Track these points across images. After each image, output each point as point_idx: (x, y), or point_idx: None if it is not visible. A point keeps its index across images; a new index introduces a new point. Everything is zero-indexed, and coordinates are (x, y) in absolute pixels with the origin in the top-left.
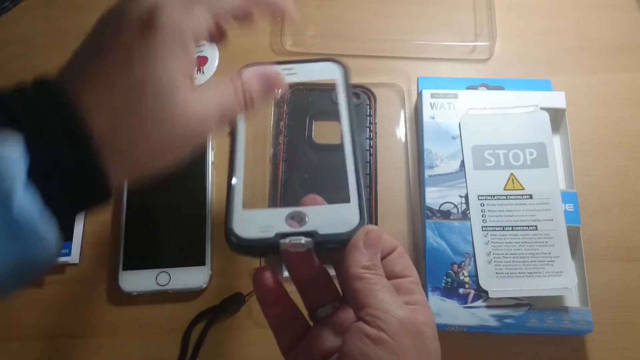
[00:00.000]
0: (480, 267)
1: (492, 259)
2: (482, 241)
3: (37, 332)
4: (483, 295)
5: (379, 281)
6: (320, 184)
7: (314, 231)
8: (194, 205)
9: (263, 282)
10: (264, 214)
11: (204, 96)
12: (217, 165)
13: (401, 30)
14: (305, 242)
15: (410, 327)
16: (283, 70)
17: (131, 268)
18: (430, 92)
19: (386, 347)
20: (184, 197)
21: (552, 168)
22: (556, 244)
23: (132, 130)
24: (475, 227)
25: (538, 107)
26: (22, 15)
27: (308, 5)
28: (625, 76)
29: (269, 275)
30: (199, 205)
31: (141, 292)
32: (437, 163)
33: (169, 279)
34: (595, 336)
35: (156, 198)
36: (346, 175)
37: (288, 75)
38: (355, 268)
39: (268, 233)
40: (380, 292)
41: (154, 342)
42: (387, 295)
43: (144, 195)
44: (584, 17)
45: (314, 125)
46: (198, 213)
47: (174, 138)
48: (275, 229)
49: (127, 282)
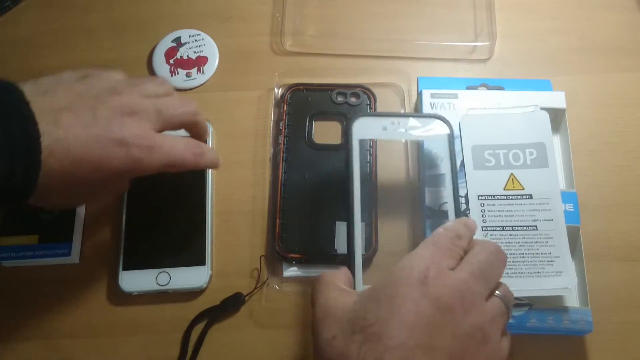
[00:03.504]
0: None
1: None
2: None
3: (37, 332)
4: None
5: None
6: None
7: None
8: (194, 205)
9: None
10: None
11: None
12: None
13: (401, 30)
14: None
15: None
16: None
17: (131, 268)
18: (430, 92)
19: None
20: (184, 196)
21: (552, 168)
22: (556, 244)
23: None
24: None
25: (538, 107)
26: (22, 15)
27: (308, 5)
28: (625, 76)
29: None
30: (199, 205)
31: (141, 292)
32: (437, 163)
33: (169, 279)
34: (595, 336)
35: (156, 198)
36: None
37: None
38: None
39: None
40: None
41: (154, 342)
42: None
43: (143, 195)
44: (585, 17)
45: (314, 125)
46: (198, 213)
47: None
48: None
49: (127, 282)
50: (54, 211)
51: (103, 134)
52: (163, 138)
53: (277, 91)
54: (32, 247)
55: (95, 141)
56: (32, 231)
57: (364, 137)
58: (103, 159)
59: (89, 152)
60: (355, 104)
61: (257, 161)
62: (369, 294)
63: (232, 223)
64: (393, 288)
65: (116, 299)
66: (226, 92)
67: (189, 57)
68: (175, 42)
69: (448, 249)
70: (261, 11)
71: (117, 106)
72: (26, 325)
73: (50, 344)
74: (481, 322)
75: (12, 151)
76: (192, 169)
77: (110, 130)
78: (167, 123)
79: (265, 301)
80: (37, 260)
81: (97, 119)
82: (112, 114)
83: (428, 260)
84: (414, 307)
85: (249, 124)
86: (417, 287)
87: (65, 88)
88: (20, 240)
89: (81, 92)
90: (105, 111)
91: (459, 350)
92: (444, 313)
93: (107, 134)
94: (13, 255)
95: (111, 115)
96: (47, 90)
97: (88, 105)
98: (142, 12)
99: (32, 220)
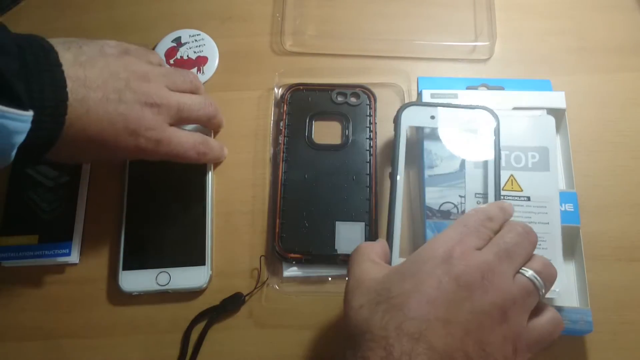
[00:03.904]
0: None
1: None
2: None
3: (37, 332)
4: None
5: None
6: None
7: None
8: (194, 205)
9: None
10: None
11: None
12: (217, 164)
13: (401, 30)
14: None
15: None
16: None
17: (131, 268)
18: (430, 92)
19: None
20: (184, 196)
21: (553, 173)
22: (549, 247)
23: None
24: None
25: (545, 112)
26: (22, 15)
27: (308, 5)
28: (625, 76)
29: None
30: (199, 205)
31: (141, 292)
32: (437, 163)
33: (169, 279)
34: (595, 336)
35: (156, 197)
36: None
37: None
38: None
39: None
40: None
41: (154, 342)
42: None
43: (143, 194)
44: (584, 17)
45: (314, 125)
46: (198, 212)
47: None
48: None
49: (127, 282)
50: (55, 212)
51: (120, 122)
52: (173, 133)
53: (277, 91)
54: (32, 247)
55: (110, 125)
56: (32, 231)
57: (412, 125)
58: (112, 142)
59: (102, 133)
60: (355, 104)
61: (257, 161)
62: (396, 269)
63: (232, 223)
64: (419, 265)
65: (116, 299)
66: (226, 92)
67: (189, 57)
68: (175, 42)
69: (476, 230)
70: (261, 11)
71: (142, 93)
72: (26, 325)
73: (50, 344)
74: (501, 302)
75: (41, 113)
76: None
77: (127, 120)
78: (183, 120)
79: (265, 301)
80: (37, 260)
81: (120, 102)
82: (136, 101)
83: (455, 240)
84: (435, 283)
85: (249, 124)
86: (440, 265)
87: (103, 63)
88: (20, 240)
89: (116, 71)
90: (130, 95)
91: (475, 326)
92: (464, 290)
93: (123, 123)
94: (13, 255)
95: (134, 102)
96: (87, 61)
97: (117, 87)
98: (142, 12)
99: (32, 220)
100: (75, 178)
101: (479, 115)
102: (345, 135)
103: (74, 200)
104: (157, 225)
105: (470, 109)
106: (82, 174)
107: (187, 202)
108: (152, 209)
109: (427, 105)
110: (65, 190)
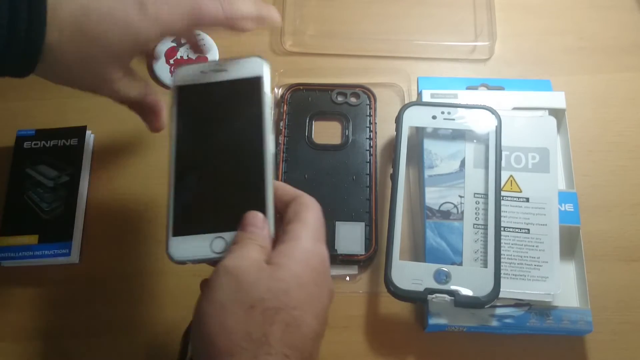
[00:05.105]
0: (465, 263)
1: (478, 257)
2: (471, 238)
3: (37, 332)
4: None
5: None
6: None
7: (455, 291)
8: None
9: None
10: (415, 267)
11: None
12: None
13: (401, 30)
14: (449, 300)
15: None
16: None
17: (182, 234)
18: (430, 92)
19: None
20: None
21: (552, 174)
22: (546, 249)
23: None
24: (467, 224)
25: (547, 112)
26: None
27: (308, 5)
28: (625, 76)
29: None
30: None
31: (195, 260)
32: (437, 163)
33: (225, 245)
34: (595, 336)
35: (208, 151)
36: (486, 243)
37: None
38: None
39: (418, 287)
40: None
41: (154, 342)
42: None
43: (195, 148)
44: (584, 17)
45: (314, 125)
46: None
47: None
48: (424, 283)
49: (178, 250)
50: (55, 212)
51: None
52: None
53: (277, 91)
54: (32, 247)
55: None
56: (32, 231)
57: (413, 125)
58: (116, 13)
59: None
60: (355, 104)
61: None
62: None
63: None
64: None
65: (117, 299)
66: None
67: (189, 57)
68: (175, 42)
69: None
70: None
71: None
72: (26, 325)
73: (51, 343)
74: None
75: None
76: (225, 27)
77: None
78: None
79: None
80: (37, 260)
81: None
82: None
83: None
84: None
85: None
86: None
87: None
88: (20, 240)
89: None
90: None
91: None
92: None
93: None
94: (13, 255)
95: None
96: None
97: None
98: None
99: (32, 220)
100: (75, 178)
101: (481, 115)
102: (345, 135)
103: (74, 200)
104: (210, 181)
105: (472, 108)
106: (82, 174)
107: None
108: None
109: (429, 105)
110: (65, 190)
